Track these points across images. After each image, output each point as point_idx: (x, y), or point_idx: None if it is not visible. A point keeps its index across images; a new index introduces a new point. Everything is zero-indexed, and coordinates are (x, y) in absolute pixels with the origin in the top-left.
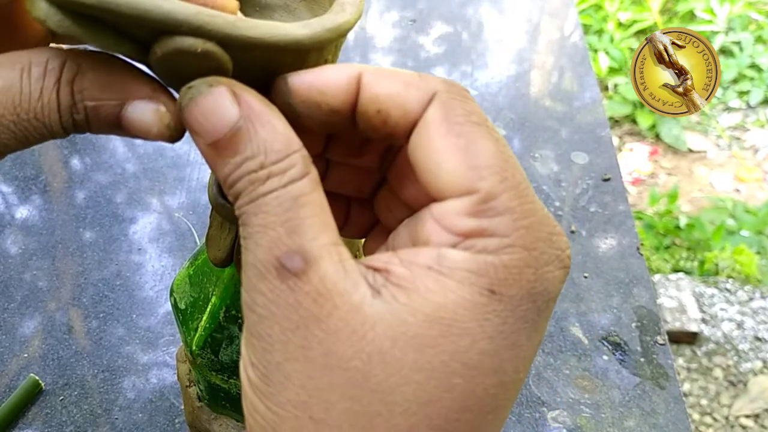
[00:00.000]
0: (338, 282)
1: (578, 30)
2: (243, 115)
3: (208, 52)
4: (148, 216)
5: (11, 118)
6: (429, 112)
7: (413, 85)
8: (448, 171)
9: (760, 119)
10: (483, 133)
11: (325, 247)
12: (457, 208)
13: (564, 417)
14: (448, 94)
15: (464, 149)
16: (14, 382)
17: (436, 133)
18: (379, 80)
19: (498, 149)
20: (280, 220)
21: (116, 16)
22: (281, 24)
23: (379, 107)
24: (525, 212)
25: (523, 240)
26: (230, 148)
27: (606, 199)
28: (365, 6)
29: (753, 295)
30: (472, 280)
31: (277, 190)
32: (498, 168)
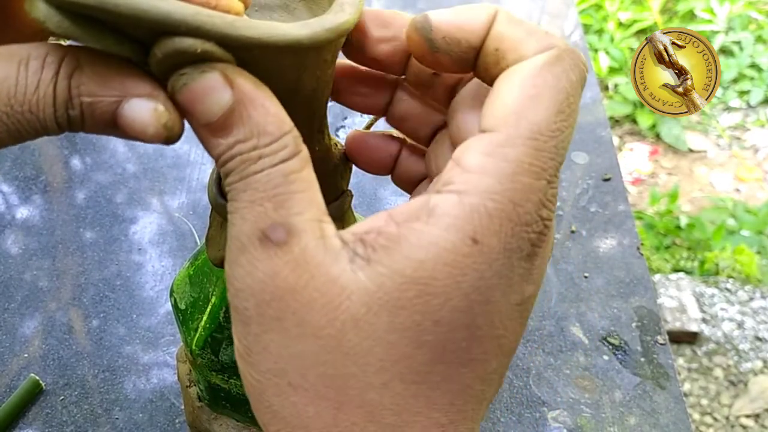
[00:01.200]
0: (318, 254)
1: (578, 30)
2: (236, 99)
3: (207, 52)
4: (148, 216)
5: (5, 110)
6: (537, 57)
7: (536, 36)
8: (501, 104)
9: (760, 119)
10: (556, 98)
11: (309, 222)
12: (479, 146)
13: (564, 417)
14: (563, 53)
15: (528, 98)
16: (14, 382)
17: (524, 74)
18: (508, 23)
19: (554, 118)
20: (268, 196)
21: (115, 16)
22: (280, 24)
23: (498, 46)
24: (530, 171)
25: (513, 194)
26: (223, 129)
27: (606, 199)
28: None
29: (753, 294)
30: (456, 226)
31: (268, 168)
32: (537, 128)
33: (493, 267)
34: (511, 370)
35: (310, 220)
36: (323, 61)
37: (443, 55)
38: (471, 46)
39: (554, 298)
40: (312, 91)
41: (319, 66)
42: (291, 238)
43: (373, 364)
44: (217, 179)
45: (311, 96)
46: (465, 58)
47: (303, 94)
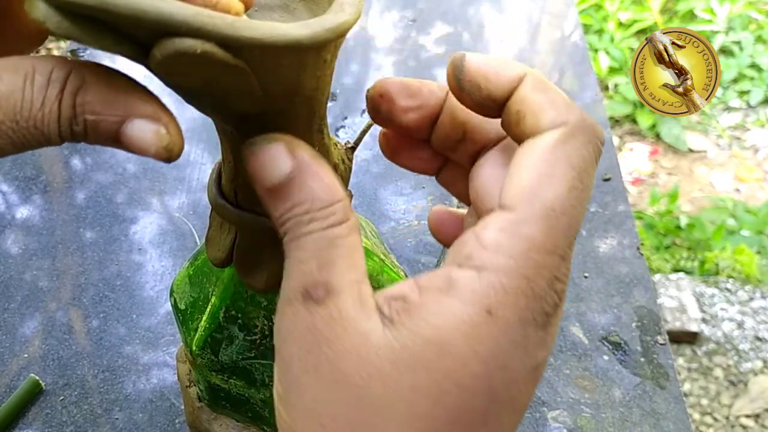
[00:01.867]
0: (351, 311)
1: (578, 30)
2: (295, 168)
3: (207, 53)
4: (148, 216)
5: (10, 125)
6: (549, 134)
7: (555, 108)
8: (516, 183)
9: (760, 119)
10: (568, 175)
11: (349, 283)
12: (494, 223)
13: (564, 417)
14: (575, 130)
15: (541, 176)
16: (14, 382)
17: (537, 152)
18: (534, 88)
19: (567, 195)
20: (314, 257)
21: (114, 17)
22: (280, 24)
23: (519, 108)
24: (544, 249)
25: (527, 270)
26: (283, 193)
27: (606, 199)
28: (365, 6)
29: (753, 294)
30: (473, 300)
31: (317, 231)
32: (551, 204)
33: (509, 336)
34: None
35: (349, 282)
36: (323, 61)
37: (467, 97)
38: (492, 98)
39: None
40: (312, 91)
41: (318, 66)
42: (329, 297)
43: (395, 418)
44: (217, 179)
45: (311, 96)
46: (488, 106)
47: (303, 94)
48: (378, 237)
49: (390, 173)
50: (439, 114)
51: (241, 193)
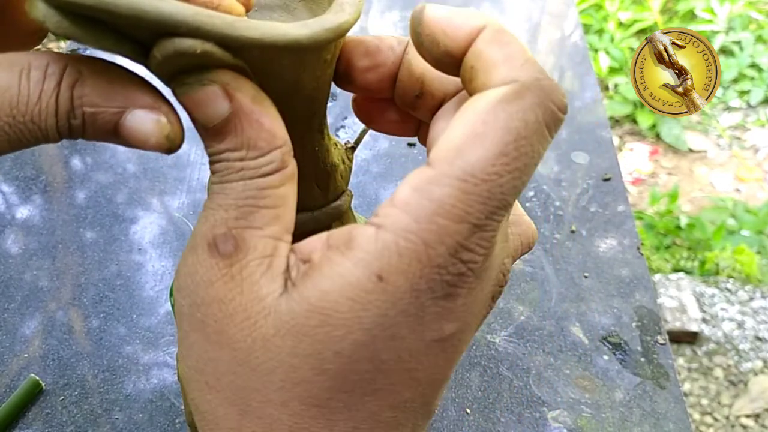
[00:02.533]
0: (255, 273)
1: (578, 30)
2: (232, 111)
3: (207, 52)
4: (148, 216)
5: (6, 120)
6: (492, 91)
7: (509, 63)
8: (443, 140)
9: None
10: (502, 140)
11: (264, 239)
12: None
13: (564, 417)
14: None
15: (473, 136)
16: (15, 382)
17: (475, 108)
18: (491, 42)
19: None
20: (236, 204)
21: (114, 17)
22: (280, 24)
23: (474, 64)
24: (450, 214)
25: (427, 234)
26: (218, 136)
27: (606, 199)
28: (366, 6)
29: (753, 294)
30: (364, 262)
31: (246, 180)
32: (471, 168)
33: (398, 306)
34: (512, 370)
35: (266, 237)
36: (323, 61)
37: (425, 52)
38: (449, 54)
39: (554, 298)
40: (312, 91)
41: (318, 66)
42: (236, 252)
43: (275, 383)
44: None
45: (311, 96)
46: (446, 62)
47: (303, 93)
48: None
49: (390, 173)
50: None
51: None
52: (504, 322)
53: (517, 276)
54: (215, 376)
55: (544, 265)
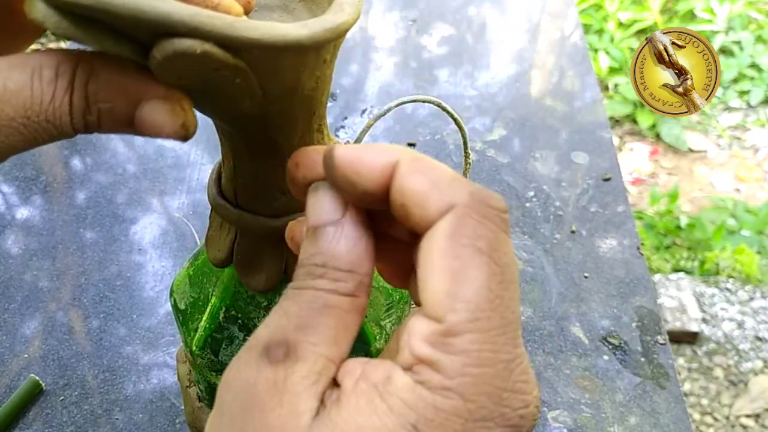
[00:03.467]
0: (298, 386)
1: (578, 30)
2: (340, 222)
3: (207, 53)
4: (148, 216)
5: (21, 121)
6: (440, 224)
7: (438, 189)
8: (431, 290)
9: (760, 119)
10: (481, 262)
11: (316, 355)
12: (422, 331)
13: (565, 417)
14: (466, 209)
15: (453, 274)
16: (15, 382)
17: (436, 248)
18: (410, 173)
19: (488, 285)
20: (299, 314)
21: (114, 17)
22: (280, 24)
23: (403, 201)
24: (480, 360)
25: (463, 388)
26: (316, 238)
27: (606, 199)
28: (365, 6)
29: (753, 294)
30: (401, 410)
31: (319, 290)
32: (474, 305)
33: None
34: None
35: (319, 355)
36: (323, 61)
37: (344, 194)
38: (365, 192)
39: (554, 298)
40: (311, 91)
41: (318, 66)
42: (286, 361)
43: None
44: (217, 179)
45: (310, 95)
46: (367, 200)
47: (302, 93)
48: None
49: None
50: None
51: (241, 194)
52: None
53: None
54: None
55: (544, 265)
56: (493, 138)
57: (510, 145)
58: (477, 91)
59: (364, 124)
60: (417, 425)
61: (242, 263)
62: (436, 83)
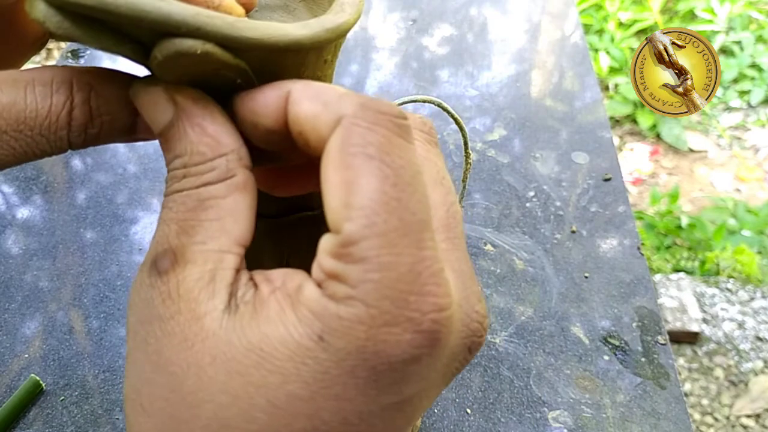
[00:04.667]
0: (193, 290)
1: (579, 30)
2: (175, 115)
3: (207, 53)
4: (149, 216)
5: (13, 134)
6: (331, 139)
7: (327, 108)
8: (328, 205)
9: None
10: (372, 168)
11: (205, 253)
12: (327, 246)
13: (565, 417)
14: (352, 119)
15: (346, 184)
16: (15, 382)
17: (330, 164)
18: (302, 100)
19: (381, 188)
20: (177, 218)
21: (115, 17)
22: (280, 24)
23: (300, 128)
24: (379, 265)
25: (365, 295)
26: (166, 143)
27: (607, 199)
28: (366, 6)
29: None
30: (308, 321)
31: (188, 190)
32: (370, 210)
33: (342, 366)
34: (512, 370)
35: (208, 251)
36: (323, 61)
37: (252, 138)
38: (268, 130)
39: (555, 298)
40: None
41: (319, 66)
42: (174, 269)
43: (202, 419)
44: None
45: None
46: (273, 140)
47: None
48: None
49: None
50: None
51: None
52: (504, 322)
53: (517, 276)
54: (149, 399)
55: (544, 265)
56: (494, 138)
57: (510, 145)
58: (477, 91)
59: None
60: (323, 335)
61: None
62: (437, 83)
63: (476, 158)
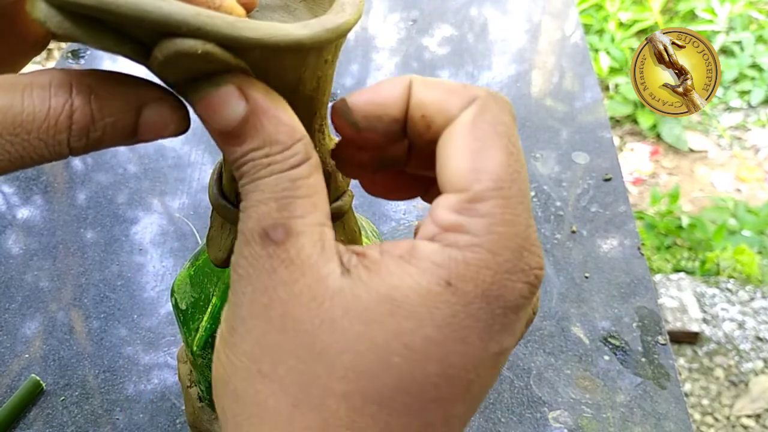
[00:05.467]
0: (312, 255)
1: (579, 30)
2: (249, 110)
3: (208, 53)
4: (149, 216)
5: (9, 138)
6: (463, 114)
7: (456, 92)
8: (454, 168)
9: (761, 119)
10: (500, 143)
11: (309, 225)
12: (447, 203)
13: (565, 417)
14: (486, 100)
15: (475, 152)
16: (15, 382)
17: (459, 132)
18: (426, 88)
19: (507, 161)
20: (274, 197)
21: (116, 17)
22: (281, 24)
23: (423, 112)
24: (504, 221)
25: (491, 244)
26: (238, 138)
27: (607, 200)
28: (366, 6)
29: (754, 294)
30: (432, 270)
31: (276, 174)
32: (497, 176)
33: (469, 309)
34: (512, 370)
35: (311, 224)
36: (324, 61)
37: (370, 133)
38: (393, 119)
39: (555, 299)
40: (313, 91)
41: (319, 66)
42: (289, 238)
43: (338, 370)
44: (218, 179)
45: (312, 96)
46: (392, 131)
47: (304, 94)
48: (379, 237)
49: None
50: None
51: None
52: None
53: None
54: (272, 363)
55: (545, 265)
56: None
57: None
58: None
59: None
60: (450, 280)
61: None
62: None
63: None
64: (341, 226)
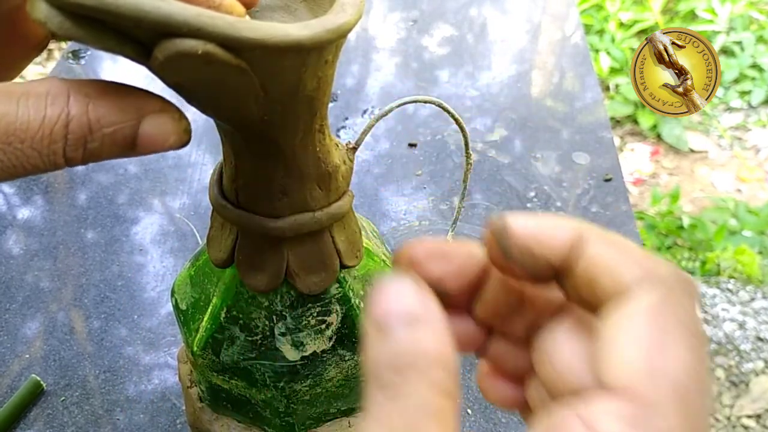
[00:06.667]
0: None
1: (579, 30)
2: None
3: (209, 53)
4: (149, 217)
5: (1, 147)
6: (645, 296)
7: (634, 260)
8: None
9: (761, 119)
10: (685, 340)
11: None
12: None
13: None
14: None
15: (655, 348)
16: (16, 382)
17: (637, 317)
18: (602, 243)
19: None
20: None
21: (116, 17)
22: (281, 25)
23: (591, 271)
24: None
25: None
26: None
27: (607, 200)
28: (367, 6)
29: (755, 295)
30: None
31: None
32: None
33: None
34: None
35: None
36: (324, 61)
37: (517, 266)
38: (549, 264)
39: None
40: (313, 91)
41: (320, 66)
42: None
43: None
44: (219, 180)
45: (312, 96)
46: (541, 274)
47: (304, 94)
48: (379, 237)
49: (391, 174)
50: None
51: (242, 194)
52: None
53: None
54: None
55: None
56: (494, 138)
57: (511, 145)
58: (478, 92)
59: (366, 124)
60: None
61: (243, 264)
62: (437, 84)
63: (477, 159)
64: (341, 226)
